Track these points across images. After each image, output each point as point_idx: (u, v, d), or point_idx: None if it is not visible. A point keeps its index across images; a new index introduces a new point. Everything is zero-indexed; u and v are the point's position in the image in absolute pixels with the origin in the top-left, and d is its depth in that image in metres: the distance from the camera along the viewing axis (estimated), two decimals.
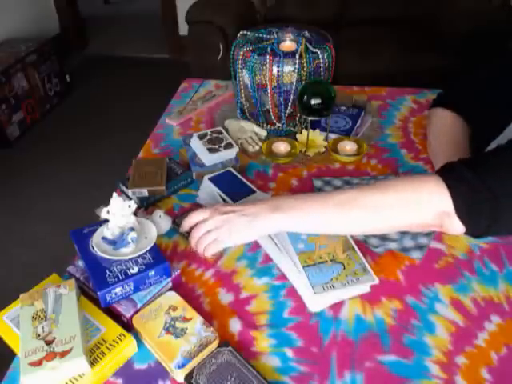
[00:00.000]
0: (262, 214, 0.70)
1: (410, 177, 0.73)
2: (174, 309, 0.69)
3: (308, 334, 0.69)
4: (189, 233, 0.77)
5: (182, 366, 0.62)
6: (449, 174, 0.64)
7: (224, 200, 0.87)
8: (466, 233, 0.64)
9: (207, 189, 0.91)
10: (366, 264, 0.76)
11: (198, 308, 0.71)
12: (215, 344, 0.65)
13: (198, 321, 0.67)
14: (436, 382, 0.63)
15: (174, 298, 0.71)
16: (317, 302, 0.73)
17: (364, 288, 0.74)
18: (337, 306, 0.73)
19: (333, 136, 1.09)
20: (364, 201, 0.67)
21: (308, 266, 0.74)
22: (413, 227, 0.70)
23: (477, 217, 0.62)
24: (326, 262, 0.75)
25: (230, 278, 0.78)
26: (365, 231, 0.75)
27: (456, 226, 0.63)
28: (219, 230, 0.72)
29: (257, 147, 1.06)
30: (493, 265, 0.79)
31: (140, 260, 0.72)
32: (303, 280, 0.73)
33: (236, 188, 0.89)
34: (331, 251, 0.77)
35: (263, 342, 0.69)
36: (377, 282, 0.73)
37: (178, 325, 0.67)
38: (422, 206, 0.65)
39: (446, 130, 0.99)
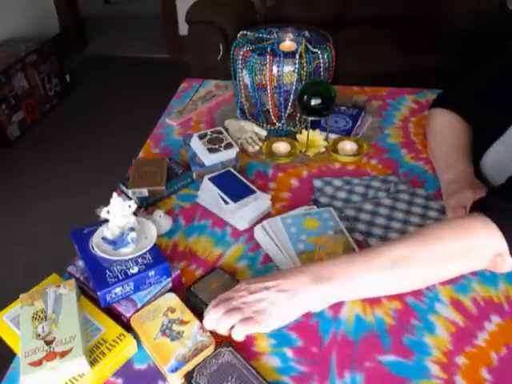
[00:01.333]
0: (303, 287, 0.63)
1: (452, 222, 0.68)
2: (173, 311, 0.69)
3: (308, 334, 0.69)
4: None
5: (175, 369, 0.62)
6: (491, 211, 0.62)
7: (224, 200, 0.87)
8: None
9: (207, 189, 0.91)
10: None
11: None
12: (210, 349, 0.64)
13: (195, 324, 0.67)
14: (436, 382, 0.63)
15: (173, 299, 0.71)
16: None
17: None
18: (337, 306, 0.73)
19: (333, 136, 1.09)
20: (415, 257, 0.63)
21: None
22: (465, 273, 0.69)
23: None
24: None
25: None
26: (417, 287, 0.70)
27: (508, 264, 0.63)
28: (255, 312, 0.63)
29: (257, 147, 1.06)
30: None
31: (140, 260, 0.72)
32: None
33: (236, 188, 0.89)
34: (331, 252, 0.77)
35: (263, 342, 0.69)
36: None
37: (175, 327, 0.66)
38: (478, 253, 0.63)
39: (445, 130, 0.99)
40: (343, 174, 1.01)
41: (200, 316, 0.68)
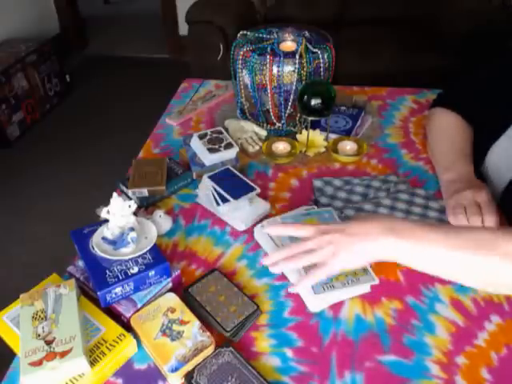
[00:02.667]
0: (372, 236, 0.60)
1: None
2: (173, 311, 0.69)
3: (308, 334, 0.69)
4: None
5: (175, 369, 0.62)
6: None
7: (222, 198, 0.86)
8: None
9: (205, 188, 0.91)
10: (366, 264, 0.75)
11: None
12: (210, 349, 0.64)
13: (195, 324, 0.67)
14: (436, 382, 0.63)
15: (173, 299, 0.71)
16: (317, 302, 0.72)
17: (364, 288, 0.74)
18: (337, 306, 0.73)
19: (333, 136, 1.09)
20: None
21: (308, 265, 0.74)
22: None
23: None
24: None
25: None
26: (496, 288, 0.62)
27: None
28: (322, 252, 0.64)
29: (257, 147, 1.06)
30: None
31: (140, 260, 0.72)
32: None
33: (235, 185, 0.89)
34: None
35: (263, 342, 0.69)
36: (377, 282, 0.73)
37: (175, 327, 0.66)
38: None
39: (445, 130, 0.99)
40: (343, 173, 1.01)
41: (199, 317, 0.68)
